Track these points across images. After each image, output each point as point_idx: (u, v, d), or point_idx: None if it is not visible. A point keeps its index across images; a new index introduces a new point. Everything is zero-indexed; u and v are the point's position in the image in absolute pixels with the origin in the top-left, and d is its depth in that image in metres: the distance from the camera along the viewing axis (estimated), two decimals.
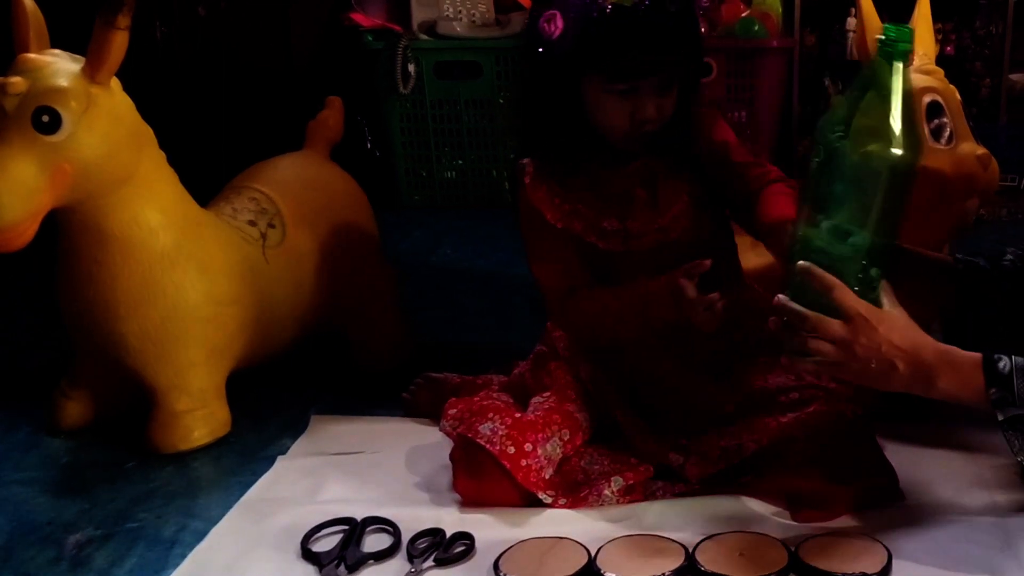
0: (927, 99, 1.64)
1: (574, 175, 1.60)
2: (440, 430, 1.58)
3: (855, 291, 1.24)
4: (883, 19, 1.71)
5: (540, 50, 1.52)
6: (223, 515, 1.52)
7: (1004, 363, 1.22)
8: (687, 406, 1.58)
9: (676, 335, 1.57)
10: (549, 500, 1.48)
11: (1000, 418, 1.24)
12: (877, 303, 1.26)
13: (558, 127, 1.57)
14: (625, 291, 1.56)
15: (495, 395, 1.64)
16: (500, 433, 1.47)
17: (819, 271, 1.24)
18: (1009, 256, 1.48)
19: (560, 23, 1.48)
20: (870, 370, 1.24)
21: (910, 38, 1.21)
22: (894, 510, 1.43)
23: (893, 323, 1.24)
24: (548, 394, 1.60)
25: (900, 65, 1.21)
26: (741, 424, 1.51)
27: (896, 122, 1.20)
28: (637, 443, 1.55)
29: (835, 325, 1.22)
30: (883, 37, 1.21)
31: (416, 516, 1.46)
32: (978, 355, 1.24)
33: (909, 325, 1.25)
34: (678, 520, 1.43)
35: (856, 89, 1.25)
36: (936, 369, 1.23)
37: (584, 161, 1.59)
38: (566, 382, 1.61)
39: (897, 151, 1.20)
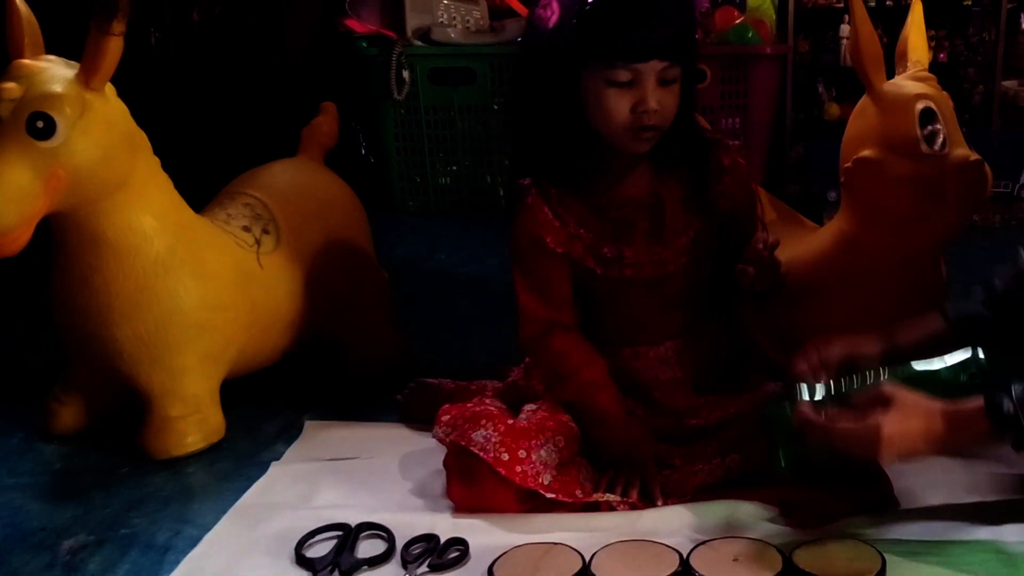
0: (920, 105, 1.65)
1: (576, 194, 1.55)
2: (433, 437, 1.58)
3: None
4: (876, 27, 1.72)
5: (538, 41, 1.49)
6: (217, 521, 1.52)
7: (1007, 405, 1.22)
8: (671, 415, 1.58)
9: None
10: (551, 495, 1.47)
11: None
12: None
13: (557, 132, 1.53)
14: (591, 390, 1.55)
15: (488, 401, 1.62)
16: (493, 440, 1.47)
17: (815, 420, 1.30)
18: (998, 282, 1.46)
19: (556, 7, 1.44)
20: (894, 455, 1.28)
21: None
22: (888, 516, 1.43)
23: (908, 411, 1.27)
24: (541, 402, 1.59)
25: None
26: (722, 435, 1.52)
27: None
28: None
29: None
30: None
31: (410, 522, 1.46)
32: (979, 403, 1.24)
33: (918, 403, 1.27)
34: (672, 526, 1.43)
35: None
36: (947, 433, 1.25)
37: (585, 176, 1.55)
38: None
39: None
